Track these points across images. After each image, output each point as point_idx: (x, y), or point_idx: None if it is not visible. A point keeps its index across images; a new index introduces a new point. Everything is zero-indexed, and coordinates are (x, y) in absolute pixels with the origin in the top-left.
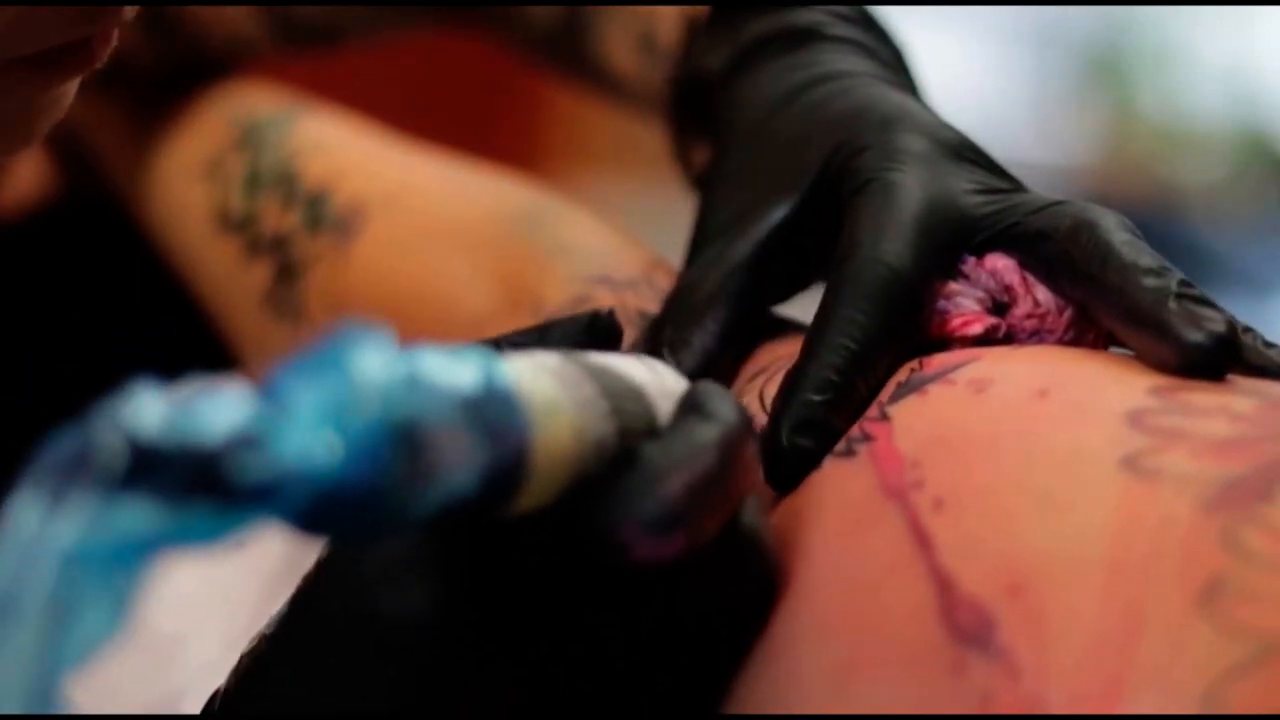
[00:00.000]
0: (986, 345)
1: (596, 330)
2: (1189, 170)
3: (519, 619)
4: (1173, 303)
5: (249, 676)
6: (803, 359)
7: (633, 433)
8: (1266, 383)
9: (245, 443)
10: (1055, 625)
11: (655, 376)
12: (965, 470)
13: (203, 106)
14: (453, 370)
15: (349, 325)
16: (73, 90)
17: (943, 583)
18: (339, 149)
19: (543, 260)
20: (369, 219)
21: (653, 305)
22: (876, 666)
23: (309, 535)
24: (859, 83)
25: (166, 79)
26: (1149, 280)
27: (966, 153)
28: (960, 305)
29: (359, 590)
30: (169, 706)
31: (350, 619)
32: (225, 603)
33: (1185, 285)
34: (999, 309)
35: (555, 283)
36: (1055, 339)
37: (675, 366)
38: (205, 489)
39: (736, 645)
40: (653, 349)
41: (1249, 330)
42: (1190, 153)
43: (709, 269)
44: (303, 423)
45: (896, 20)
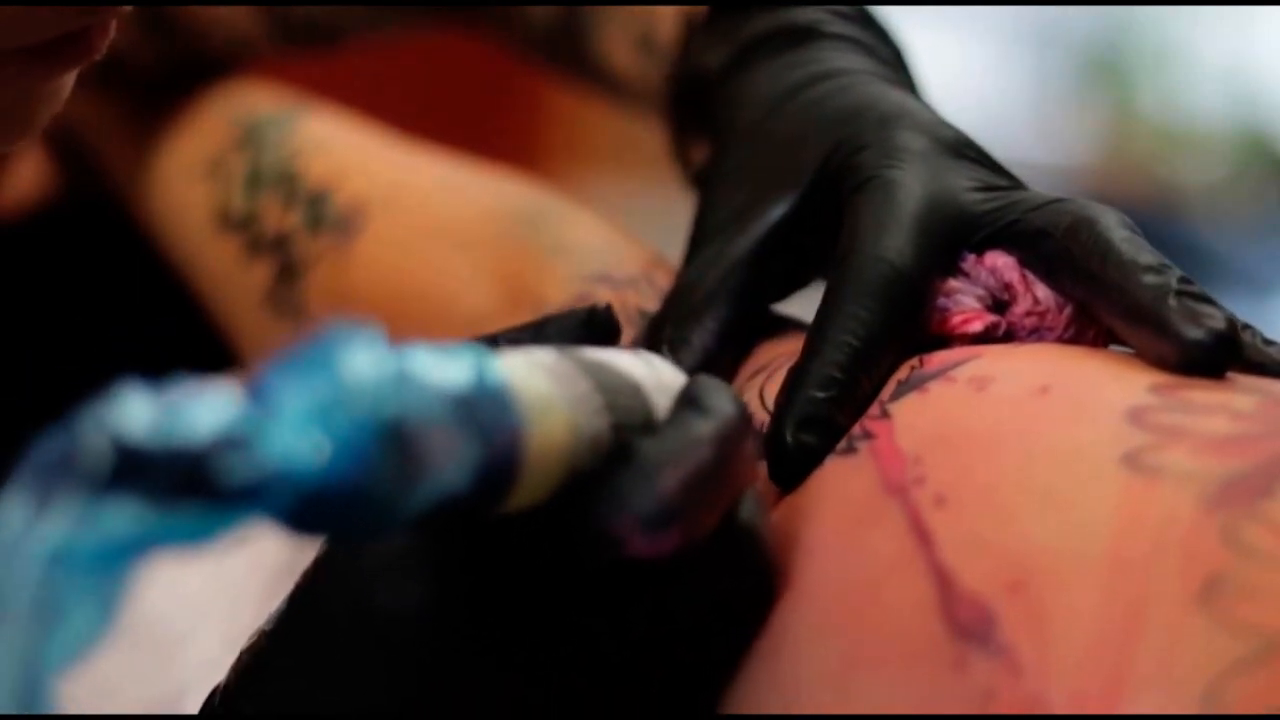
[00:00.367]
0: (987, 343)
1: (594, 325)
2: (1189, 170)
3: (515, 614)
4: (1173, 300)
5: (249, 672)
6: (805, 356)
7: (629, 428)
8: (1267, 380)
9: (231, 443)
10: (1056, 622)
11: (652, 371)
12: (966, 467)
13: (203, 106)
14: (443, 368)
15: (337, 324)
16: (71, 81)
17: (944, 580)
18: (340, 149)
19: (543, 259)
20: (370, 218)
21: (653, 303)
22: (877, 664)
23: (300, 534)
24: (858, 80)
25: (166, 78)
26: (1149, 278)
27: (965, 150)
28: (960, 303)
29: (358, 586)
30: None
31: (349, 614)
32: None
33: (1185, 282)
34: (999, 307)
35: (556, 281)
36: (1055, 336)
37: (675, 365)
38: (191, 489)
39: (733, 640)
40: (652, 347)
41: (1248, 328)
42: (1190, 153)
43: (708, 267)
44: (289, 422)
45: (896, 20)
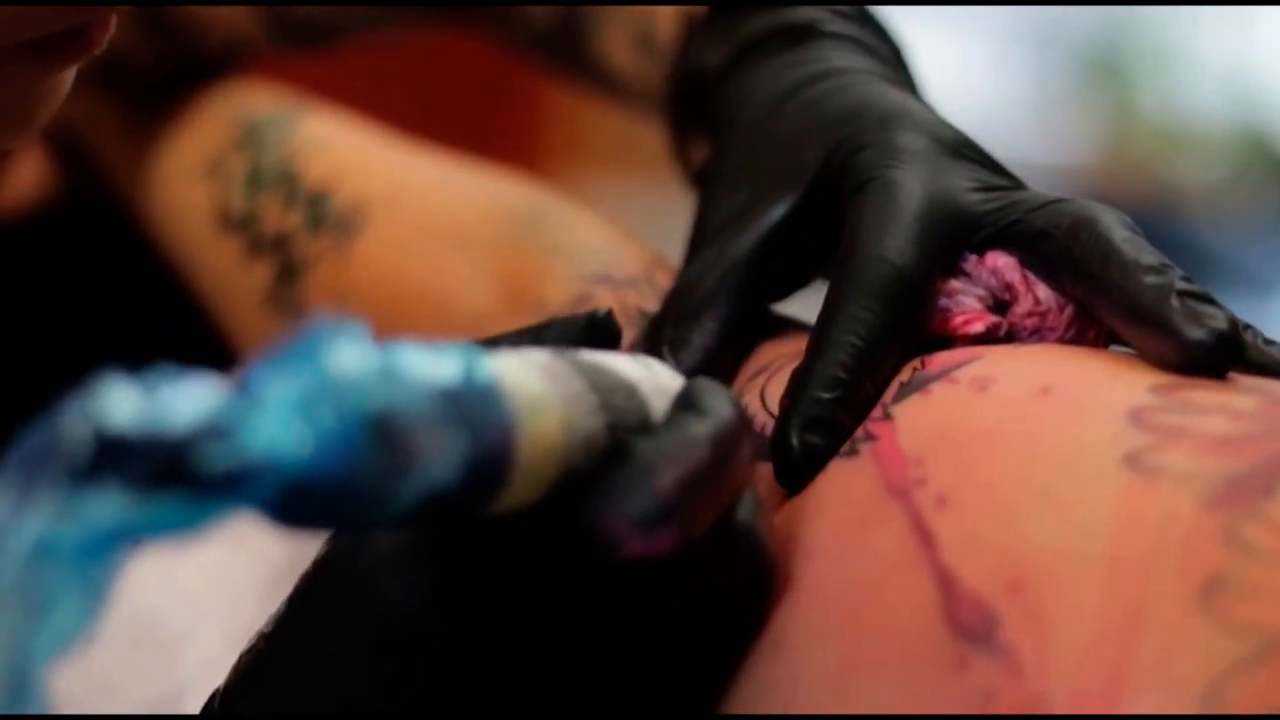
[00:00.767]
0: (988, 344)
1: (595, 330)
2: (1189, 170)
3: (514, 611)
4: (1174, 300)
5: (248, 674)
6: (809, 357)
7: (625, 429)
8: (1267, 380)
9: (213, 432)
10: (1057, 622)
11: (649, 373)
12: (967, 468)
13: (203, 106)
14: (430, 363)
15: (325, 319)
16: (70, 78)
17: (945, 580)
18: (340, 148)
19: (543, 259)
20: (370, 218)
21: (653, 304)
22: (878, 664)
23: (285, 527)
24: (857, 80)
25: (166, 79)
26: (1150, 278)
27: (965, 150)
28: (962, 304)
29: (358, 584)
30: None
31: (350, 612)
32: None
33: (1186, 282)
34: (1000, 307)
35: (556, 282)
36: (1056, 337)
37: (675, 365)
38: (173, 478)
39: (730, 639)
40: (652, 347)
41: (1248, 328)
42: (1190, 153)
43: (708, 267)
44: (273, 413)
45: (896, 20)
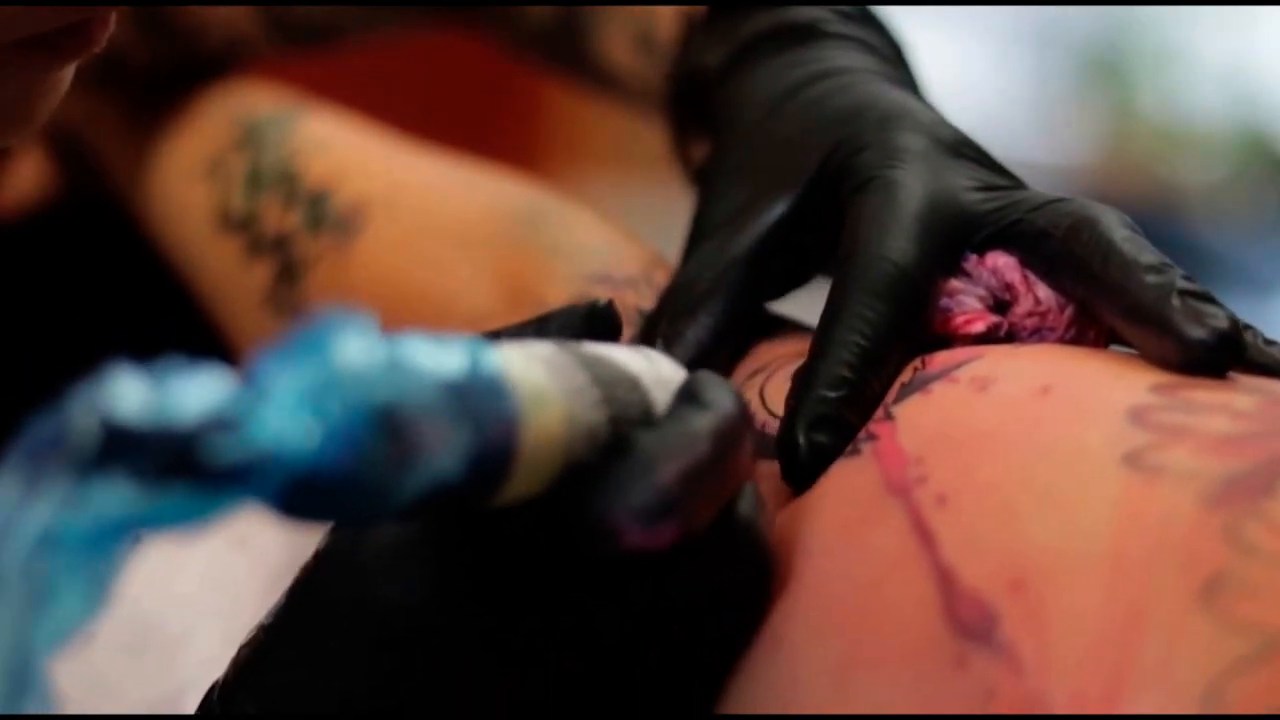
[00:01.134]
0: (988, 344)
1: (595, 321)
2: (1189, 170)
3: (515, 604)
4: (1175, 299)
5: (248, 666)
6: (813, 357)
7: (627, 421)
8: (1267, 380)
9: (221, 424)
10: (1057, 621)
11: (651, 366)
12: (968, 467)
13: (203, 106)
14: (436, 356)
15: (331, 311)
16: (70, 75)
17: (945, 578)
18: (340, 149)
19: (543, 259)
20: (370, 219)
21: (652, 303)
22: (878, 662)
23: (289, 519)
24: (858, 79)
25: (165, 79)
26: (1151, 277)
27: (965, 150)
28: (962, 304)
29: (359, 577)
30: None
31: (350, 606)
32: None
33: (1187, 282)
34: (1000, 307)
35: (555, 281)
36: (1056, 337)
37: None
38: (180, 470)
39: (730, 633)
40: (647, 343)
41: (1249, 328)
42: (1190, 153)
43: (706, 265)
44: (280, 405)
45: (896, 20)
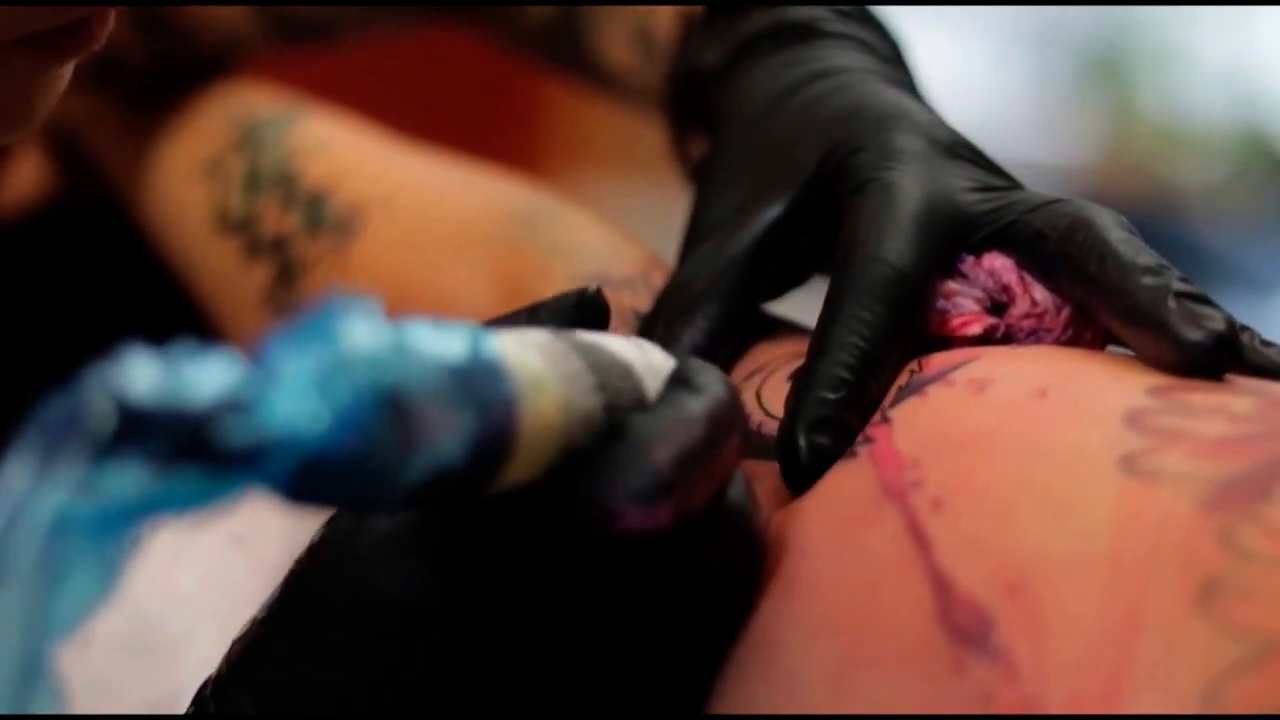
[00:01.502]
0: (985, 345)
1: (584, 308)
2: (1189, 170)
3: (512, 594)
4: (1172, 301)
5: (243, 659)
6: (812, 358)
7: (620, 408)
8: (1265, 382)
9: (233, 406)
10: (1054, 625)
11: (643, 355)
12: (964, 470)
13: (202, 107)
14: (439, 340)
15: (336, 296)
16: (69, 73)
17: (941, 583)
18: (339, 149)
19: (541, 260)
20: (368, 220)
21: (649, 305)
22: (874, 666)
23: (297, 504)
24: (855, 79)
25: (162, 78)
26: (1148, 279)
27: (962, 151)
28: (959, 305)
29: (354, 570)
30: (170, 705)
31: (346, 598)
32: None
33: (1184, 283)
34: (997, 309)
35: (553, 282)
36: (1053, 338)
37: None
38: (193, 452)
39: (724, 618)
40: None
41: (1246, 329)
42: (1190, 153)
43: (703, 265)
44: (290, 388)
45: (896, 20)
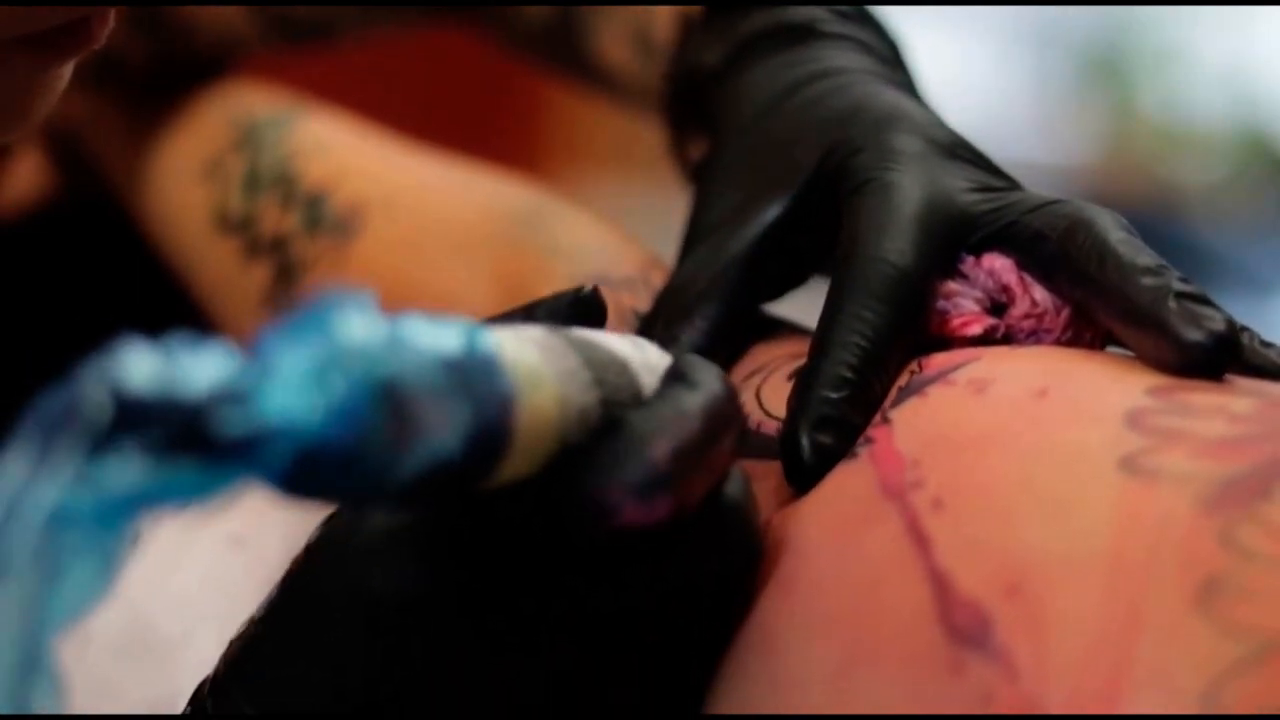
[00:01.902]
0: (985, 346)
1: (581, 306)
2: (1189, 170)
3: (508, 592)
4: (1172, 301)
5: (240, 659)
6: (814, 358)
7: (617, 404)
8: (1265, 382)
9: (230, 397)
10: (1054, 625)
11: (639, 351)
12: (964, 470)
13: (202, 107)
14: (435, 334)
15: (333, 289)
16: (68, 72)
17: (940, 584)
18: (338, 150)
19: (540, 260)
20: (368, 220)
21: (648, 305)
22: (874, 666)
23: (293, 497)
24: (854, 80)
25: (161, 78)
26: (1147, 279)
27: (961, 151)
28: (959, 306)
29: (350, 569)
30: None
31: (342, 597)
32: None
33: (1184, 284)
34: (997, 309)
35: (553, 282)
36: (1053, 339)
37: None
38: (189, 443)
39: (721, 614)
40: None
41: (1245, 329)
42: (1190, 153)
43: (702, 266)
44: (285, 380)
45: (896, 20)
